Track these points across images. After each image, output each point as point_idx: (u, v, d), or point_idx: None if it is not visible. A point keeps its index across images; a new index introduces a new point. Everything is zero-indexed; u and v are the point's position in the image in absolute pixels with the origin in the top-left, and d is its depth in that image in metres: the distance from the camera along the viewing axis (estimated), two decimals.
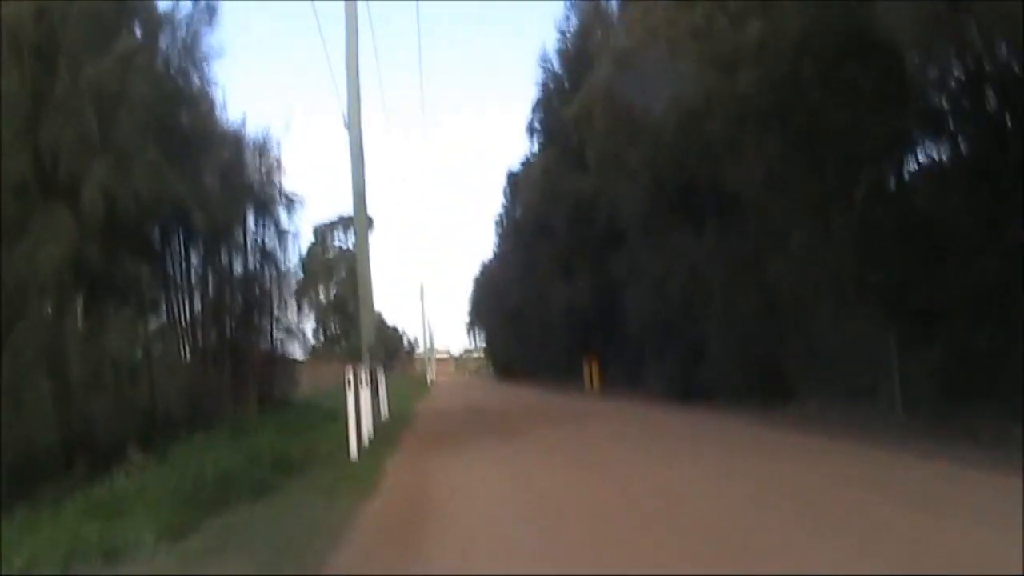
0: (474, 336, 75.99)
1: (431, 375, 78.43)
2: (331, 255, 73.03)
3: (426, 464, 10.98)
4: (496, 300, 46.36)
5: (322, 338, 71.84)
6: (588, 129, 20.24)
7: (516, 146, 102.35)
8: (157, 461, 9.97)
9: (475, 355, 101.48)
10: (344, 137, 17.38)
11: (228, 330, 16.87)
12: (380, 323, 75.28)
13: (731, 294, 17.55)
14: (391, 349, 76.12)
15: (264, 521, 7.62)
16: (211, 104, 15.09)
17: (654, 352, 22.79)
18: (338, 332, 71.54)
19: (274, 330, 19.28)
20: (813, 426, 12.76)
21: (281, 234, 18.62)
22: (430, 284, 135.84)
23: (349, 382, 12.17)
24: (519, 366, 49.71)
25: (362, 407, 13.59)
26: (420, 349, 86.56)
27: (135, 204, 10.08)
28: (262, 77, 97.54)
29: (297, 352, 20.81)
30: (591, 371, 29.96)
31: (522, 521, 6.79)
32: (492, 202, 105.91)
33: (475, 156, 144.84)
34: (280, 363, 20.07)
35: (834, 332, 14.30)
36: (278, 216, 18.43)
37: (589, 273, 26.86)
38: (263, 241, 18.15)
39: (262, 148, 17.54)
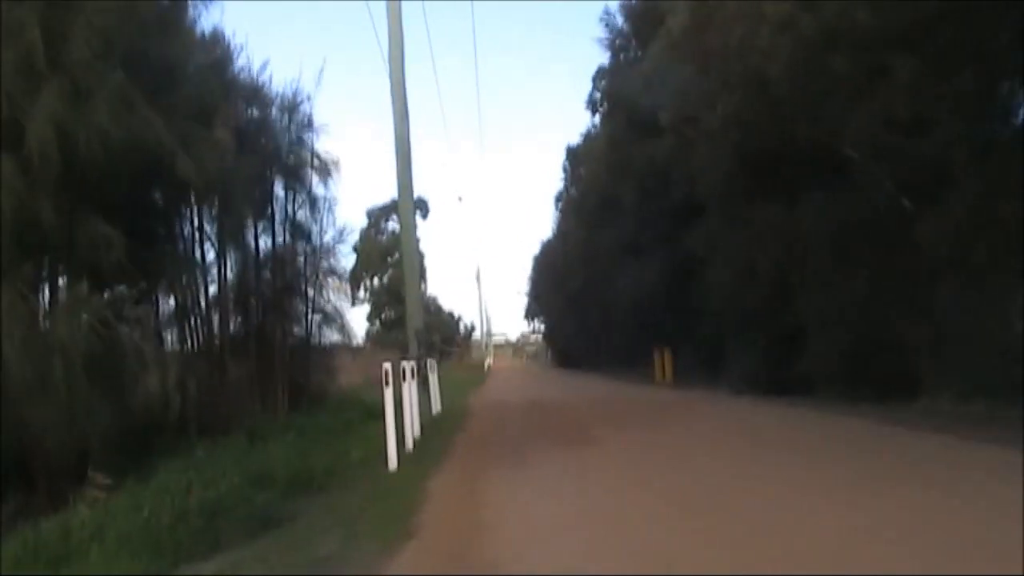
0: (532, 321, 73.46)
1: (488, 361, 76.69)
2: (385, 239, 71.49)
3: (479, 484, 8.69)
4: (556, 283, 43.87)
5: (378, 324, 70.48)
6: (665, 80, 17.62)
7: (576, 121, 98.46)
8: (139, 482, 7.84)
9: (533, 340, 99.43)
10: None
11: (254, 315, 14.76)
12: (436, 308, 74.04)
13: (837, 271, 14.95)
14: (447, 335, 74.36)
15: None
16: (226, 48, 12.96)
17: (737, 340, 20.22)
18: (394, 318, 70.07)
19: (310, 315, 17.02)
20: (962, 429, 10.09)
21: (313, 203, 16.37)
22: (487, 267, 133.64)
23: (387, 378, 9.87)
24: (579, 353, 47.25)
25: (407, 404, 11.42)
26: (477, 334, 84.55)
27: (101, 150, 7.92)
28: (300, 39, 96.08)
29: (337, 338, 18.38)
30: (663, 360, 27.42)
31: None
32: (551, 181, 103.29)
33: (533, 132, 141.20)
34: (317, 353, 17.82)
35: (979, 312, 11.69)
36: (310, 183, 16.19)
37: (660, 252, 24.27)
38: (294, 212, 15.98)
39: (291, 105, 15.29)
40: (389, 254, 70.92)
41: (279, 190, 15.49)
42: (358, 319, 78.90)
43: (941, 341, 12.72)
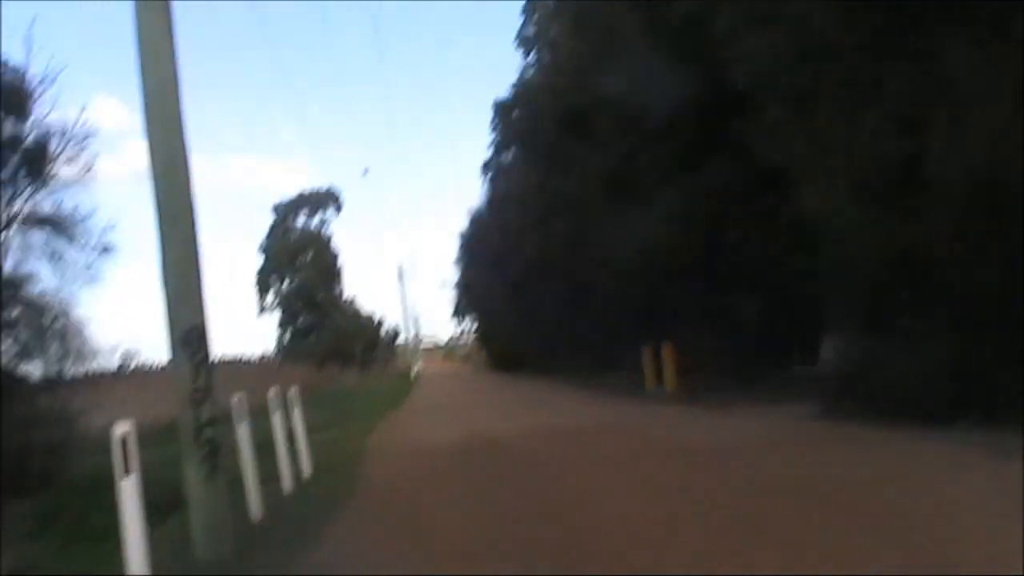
0: (462, 319, 63.71)
1: (417, 368, 67.43)
2: (295, 237, 61.80)
3: None
4: (492, 265, 34.38)
5: (290, 333, 60.62)
6: None
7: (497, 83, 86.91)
8: None
9: (464, 343, 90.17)
10: None
11: None
12: (354, 311, 64.33)
13: None
14: (369, 341, 64.76)
15: None
16: None
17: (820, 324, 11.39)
18: (308, 324, 60.28)
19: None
20: None
21: None
22: (412, 266, 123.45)
23: None
24: (527, 353, 37.89)
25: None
26: (402, 338, 74.85)
27: None
28: None
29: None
30: (666, 361, 18.40)
31: None
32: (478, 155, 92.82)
33: (450, 105, 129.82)
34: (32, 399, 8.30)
35: None
36: None
37: (670, 189, 15.17)
38: None
39: None
40: (301, 253, 61.50)
41: None
42: (268, 328, 68.91)
43: None
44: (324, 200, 63.11)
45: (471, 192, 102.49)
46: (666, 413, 14.63)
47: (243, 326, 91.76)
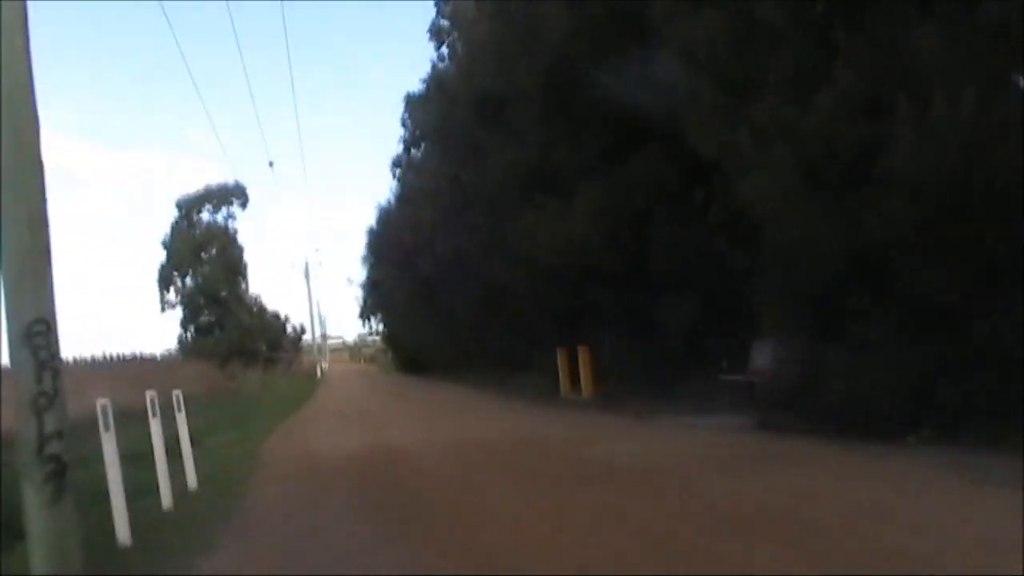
0: (368, 320, 61.81)
1: (323, 366, 65.37)
2: (199, 233, 58.82)
3: None
4: (402, 264, 32.94)
5: (192, 331, 57.63)
6: None
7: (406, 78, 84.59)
8: None
9: (372, 342, 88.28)
10: None
11: None
12: (259, 309, 61.87)
13: None
14: (273, 339, 62.35)
15: None
16: None
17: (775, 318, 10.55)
18: (212, 321, 57.38)
19: None
20: None
21: None
22: (319, 263, 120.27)
23: None
24: (434, 355, 36.64)
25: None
26: (308, 337, 72.34)
27: None
28: None
29: None
30: (583, 365, 17.45)
31: None
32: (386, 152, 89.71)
33: (357, 96, 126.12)
34: None
35: None
36: None
37: (592, 183, 14.16)
38: None
39: None
40: (204, 249, 58.59)
41: None
42: (170, 326, 65.67)
43: None
44: (230, 195, 60.27)
45: (381, 189, 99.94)
46: (584, 423, 13.58)
47: (145, 324, 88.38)
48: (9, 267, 4.90)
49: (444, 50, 28.01)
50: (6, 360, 5.08)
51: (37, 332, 4.87)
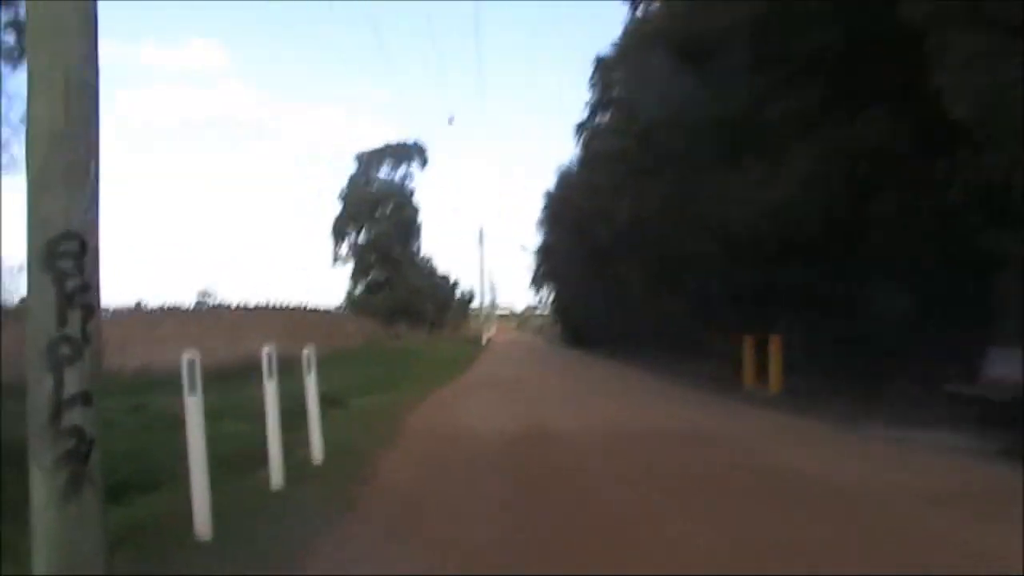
0: (540, 289, 60.93)
1: (488, 334, 65.15)
2: (375, 188, 59.66)
3: None
4: (577, 231, 31.50)
5: (362, 287, 58.65)
6: None
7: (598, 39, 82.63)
8: None
9: (540, 313, 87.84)
10: None
11: None
12: (429, 270, 62.38)
13: None
14: (440, 302, 62.76)
15: None
16: None
17: None
18: (381, 280, 58.14)
19: None
20: None
21: None
22: (494, 233, 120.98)
23: None
24: (604, 331, 35.06)
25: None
26: (476, 303, 72.44)
27: None
28: None
29: None
30: (773, 356, 15.44)
31: None
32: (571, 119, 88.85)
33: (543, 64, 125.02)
34: None
35: None
36: None
37: (787, 159, 12.16)
38: None
39: None
40: (379, 205, 59.39)
41: None
42: (339, 280, 67.40)
43: None
44: (409, 153, 60.80)
45: (562, 157, 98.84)
46: (776, 425, 11.66)
47: (316, 277, 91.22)
48: (35, 154, 3.56)
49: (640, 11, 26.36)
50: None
51: (64, 252, 3.49)
